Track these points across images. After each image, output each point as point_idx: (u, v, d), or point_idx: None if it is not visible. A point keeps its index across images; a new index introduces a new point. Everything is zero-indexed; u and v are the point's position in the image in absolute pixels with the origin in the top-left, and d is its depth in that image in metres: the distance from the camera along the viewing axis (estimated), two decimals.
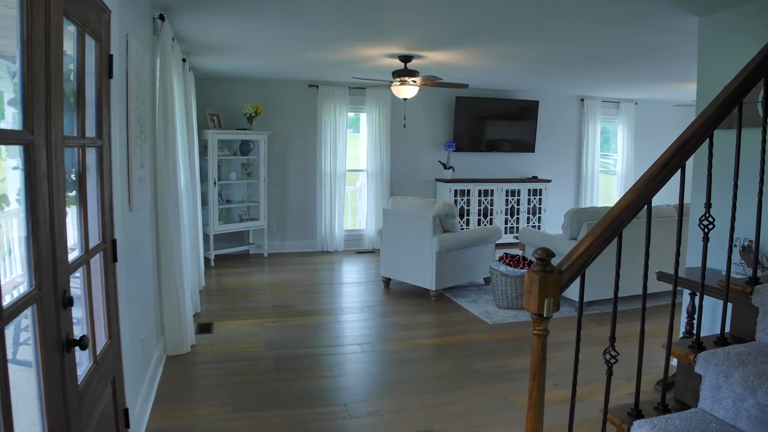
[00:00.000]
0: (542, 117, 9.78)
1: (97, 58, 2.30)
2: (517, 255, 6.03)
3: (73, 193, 2.03)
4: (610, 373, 2.26)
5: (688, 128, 2.21)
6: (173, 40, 4.52)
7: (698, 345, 2.35)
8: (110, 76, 2.49)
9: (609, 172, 11.07)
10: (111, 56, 2.49)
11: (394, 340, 4.91)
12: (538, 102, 9.62)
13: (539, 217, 9.75)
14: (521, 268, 5.82)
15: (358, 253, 8.81)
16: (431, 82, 6.17)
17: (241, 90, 8.17)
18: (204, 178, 7.49)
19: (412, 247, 6.28)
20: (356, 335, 5.05)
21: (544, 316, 1.96)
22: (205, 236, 7.45)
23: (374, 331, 5.16)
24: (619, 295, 5.96)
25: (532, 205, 9.69)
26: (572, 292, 5.92)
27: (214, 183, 7.54)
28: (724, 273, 4.11)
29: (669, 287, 6.32)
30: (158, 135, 4.05)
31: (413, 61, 6.14)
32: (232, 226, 7.96)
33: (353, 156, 9.56)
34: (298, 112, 8.57)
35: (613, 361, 2.19)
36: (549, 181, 9.77)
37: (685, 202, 6.85)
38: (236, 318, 5.40)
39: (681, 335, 4.19)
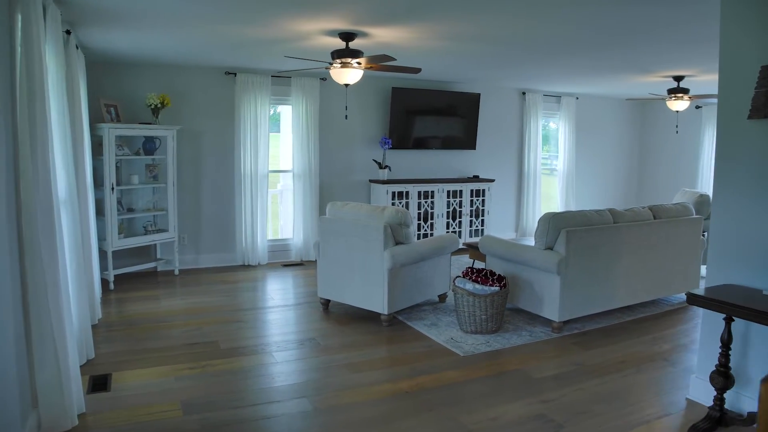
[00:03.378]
0: (483, 111, 9.00)
1: None
2: (484, 269, 5.13)
3: None
4: None
5: None
6: None
7: None
8: None
9: (551, 172, 10.48)
10: None
11: (351, 388, 3.86)
12: (479, 95, 8.83)
13: (482, 220, 8.96)
14: (491, 286, 4.92)
15: (285, 266, 7.70)
16: (377, 64, 5.18)
17: (144, 77, 6.86)
18: (99, 182, 6.17)
19: (358, 263, 5.26)
20: (301, 382, 3.96)
21: None
22: (102, 253, 6.12)
23: (322, 375, 4.09)
24: (606, 308, 5.18)
25: (475, 206, 8.88)
26: (549, 310, 5.10)
27: (112, 188, 6.22)
28: (765, 292, 3.37)
29: (647, 298, 5.61)
30: (21, 125, 2.85)
31: (355, 41, 5.13)
32: (135, 240, 6.64)
33: (273, 156, 8.42)
34: (212, 104, 7.34)
35: None
36: (492, 180, 9.00)
37: (686, 206, 6.22)
38: (143, 364, 4.18)
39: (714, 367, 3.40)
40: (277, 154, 9.17)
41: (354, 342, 4.77)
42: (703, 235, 6.08)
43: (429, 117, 8.63)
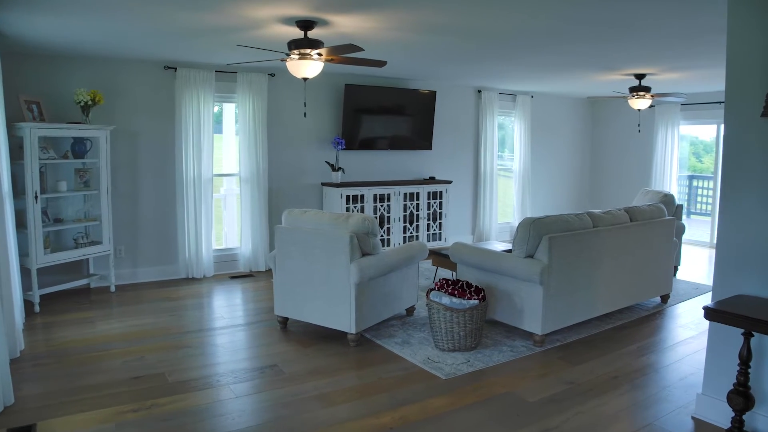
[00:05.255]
0: (439, 110, 8.62)
1: None
2: (459, 281, 4.70)
3: None
4: None
5: None
6: None
7: None
8: None
9: (506, 173, 10.21)
10: None
11: (327, 426, 3.34)
12: (435, 93, 8.43)
13: (440, 224, 8.57)
14: (469, 299, 4.50)
15: (233, 278, 7.08)
16: (340, 56, 4.68)
17: (72, 70, 6.11)
18: (20, 190, 5.43)
19: (321, 278, 4.74)
20: (268, 422, 3.41)
21: None
22: (25, 271, 5.38)
23: (292, 411, 3.55)
24: (588, 317, 4.76)
25: (432, 210, 8.47)
26: (530, 322, 4.72)
27: (36, 197, 5.47)
28: None
29: (626, 304, 5.27)
30: None
31: (314, 30, 4.62)
32: (64, 255, 5.88)
33: (215, 159, 7.79)
34: (150, 102, 6.65)
35: None
36: (450, 182, 8.62)
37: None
38: (76, 407, 3.52)
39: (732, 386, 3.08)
40: (220, 156, 8.52)
41: (321, 367, 4.25)
42: None
43: (384, 116, 8.18)
